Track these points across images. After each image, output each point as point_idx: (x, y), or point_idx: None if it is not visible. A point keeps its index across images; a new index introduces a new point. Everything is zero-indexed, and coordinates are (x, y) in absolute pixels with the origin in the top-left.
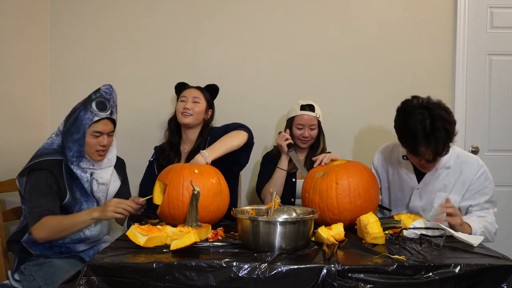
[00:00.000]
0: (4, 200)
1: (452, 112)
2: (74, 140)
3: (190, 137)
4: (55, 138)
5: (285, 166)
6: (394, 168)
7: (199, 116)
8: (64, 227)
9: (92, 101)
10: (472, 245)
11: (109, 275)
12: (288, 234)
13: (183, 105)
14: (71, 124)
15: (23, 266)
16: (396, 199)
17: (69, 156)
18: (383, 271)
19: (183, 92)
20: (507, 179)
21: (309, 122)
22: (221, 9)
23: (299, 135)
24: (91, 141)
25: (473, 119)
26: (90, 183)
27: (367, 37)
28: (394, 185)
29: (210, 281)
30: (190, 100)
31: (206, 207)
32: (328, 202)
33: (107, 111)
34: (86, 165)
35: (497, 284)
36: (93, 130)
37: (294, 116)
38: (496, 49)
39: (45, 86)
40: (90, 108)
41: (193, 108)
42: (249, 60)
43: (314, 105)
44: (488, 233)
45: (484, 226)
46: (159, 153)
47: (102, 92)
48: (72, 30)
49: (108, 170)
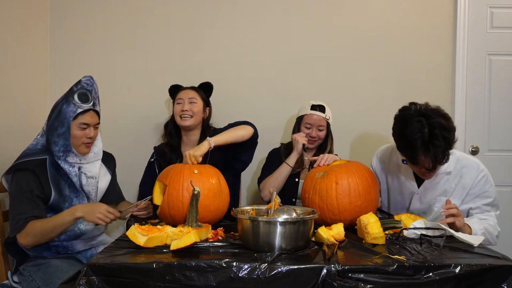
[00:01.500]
0: (3, 200)
1: (451, 118)
2: (59, 134)
3: (191, 138)
4: (39, 138)
5: (292, 163)
6: (393, 172)
7: (198, 116)
8: (49, 230)
9: (74, 93)
10: (473, 245)
11: (109, 275)
12: (288, 234)
13: (181, 107)
14: (55, 119)
15: (22, 267)
16: (396, 203)
17: (56, 151)
18: (383, 271)
19: (178, 94)
20: (507, 179)
21: (318, 122)
22: (222, 9)
23: (307, 134)
24: (78, 133)
25: (473, 119)
26: (79, 177)
27: (367, 37)
28: (394, 189)
29: (210, 281)
30: (186, 101)
31: (206, 207)
32: (328, 202)
33: (89, 103)
34: (73, 160)
35: (497, 284)
36: (80, 122)
37: (304, 115)
38: (496, 49)
39: (45, 86)
40: (72, 101)
41: (191, 109)
42: (250, 61)
43: (325, 106)
44: (489, 235)
45: (485, 228)
46: (159, 155)
47: (83, 84)
48: (72, 30)
49: (95, 163)
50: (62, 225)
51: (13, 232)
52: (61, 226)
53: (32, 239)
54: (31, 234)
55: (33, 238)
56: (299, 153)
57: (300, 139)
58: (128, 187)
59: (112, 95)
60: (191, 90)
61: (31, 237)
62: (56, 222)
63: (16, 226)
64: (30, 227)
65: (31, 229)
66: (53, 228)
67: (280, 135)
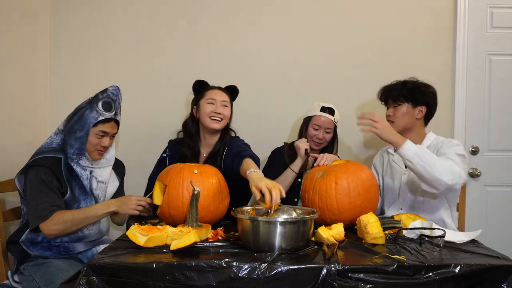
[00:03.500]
0: (4, 200)
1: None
2: (77, 137)
3: (210, 141)
4: (54, 137)
5: (297, 169)
6: (387, 161)
7: (226, 121)
8: (80, 220)
9: (98, 101)
10: (462, 241)
11: (109, 275)
12: (288, 234)
13: (213, 108)
14: (76, 122)
15: (22, 267)
16: (387, 188)
17: (70, 153)
18: (383, 271)
19: (210, 93)
20: (507, 179)
21: (326, 124)
22: (227, 10)
23: (314, 135)
24: (94, 140)
25: (473, 119)
26: (90, 180)
27: (366, 37)
28: (386, 175)
29: (210, 281)
30: (219, 103)
31: (206, 207)
32: (328, 202)
33: (112, 112)
34: (85, 163)
35: (497, 284)
36: (100, 130)
37: (312, 116)
38: (496, 49)
39: (45, 86)
40: (96, 108)
41: (223, 112)
42: (256, 61)
43: (335, 109)
44: (428, 162)
45: (429, 154)
46: (174, 150)
47: (109, 93)
48: (72, 31)
49: (107, 169)
50: (94, 217)
51: (37, 221)
52: (93, 218)
53: (60, 228)
54: (61, 222)
55: (61, 226)
56: (303, 159)
57: (302, 145)
58: (133, 189)
59: None
60: (224, 93)
61: (60, 226)
62: (87, 214)
63: (41, 215)
64: (58, 216)
65: (60, 218)
66: (85, 219)
67: (284, 135)
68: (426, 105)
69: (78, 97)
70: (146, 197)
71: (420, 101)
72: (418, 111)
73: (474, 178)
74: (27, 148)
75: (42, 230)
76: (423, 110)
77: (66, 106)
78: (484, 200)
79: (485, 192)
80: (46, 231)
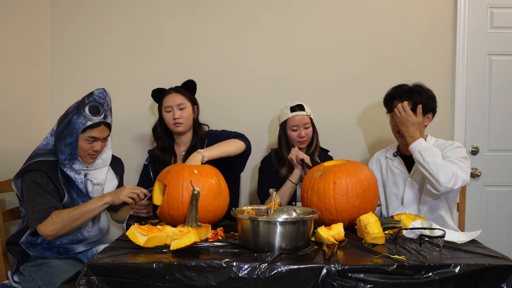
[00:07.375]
0: (4, 200)
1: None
2: (67, 143)
3: (184, 139)
4: (50, 138)
5: (296, 180)
6: (387, 168)
7: (189, 120)
8: (77, 216)
9: (85, 105)
10: (462, 241)
11: (109, 275)
12: (288, 234)
13: (171, 115)
14: (64, 128)
15: (22, 267)
16: (391, 194)
17: (62, 159)
18: (383, 271)
19: (165, 101)
20: (507, 179)
21: (302, 121)
22: (222, 9)
23: (296, 136)
24: (85, 145)
25: (473, 119)
26: (85, 184)
27: (366, 37)
28: (389, 182)
29: (210, 281)
30: (175, 108)
31: (206, 207)
32: (326, 202)
33: (100, 115)
34: (79, 167)
35: (497, 284)
36: (89, 136)
37: (286, 119)
38: (496, 49)
39: (45, 86)
40: (83, 113)
41: (181, 115)
42: (241, 61)
43: (303, 104)
44: (431, 163)
45: (439, 153)
46: (153, 160)
47: (95, 96)
48: (72, 31)
49: (102, 170)
50: (90, 211)
51: (35, 223)
52: (90, 212)
53: (57, 227)
54: (58, 222)
55: (59, 225)
56: (300, 169)
57: (294, 156)
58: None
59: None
60: (177, 94)
61: (57, 225)
62: (83, 208)
63: (39, 217)
64: (55, 216)
65: (57, 218)
66: (81, 214)
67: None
68: (433, 111)
69: (78, 97)
70: (142, 188)
71: (429, 109)
72: (426, 118)
73: (474, 178)
74: (27, 148)
75: (40, 232)
76: (430, 117)
77: (66, 107)
78: (484, 200)
79: (485, 192)
80: (44, 233)
